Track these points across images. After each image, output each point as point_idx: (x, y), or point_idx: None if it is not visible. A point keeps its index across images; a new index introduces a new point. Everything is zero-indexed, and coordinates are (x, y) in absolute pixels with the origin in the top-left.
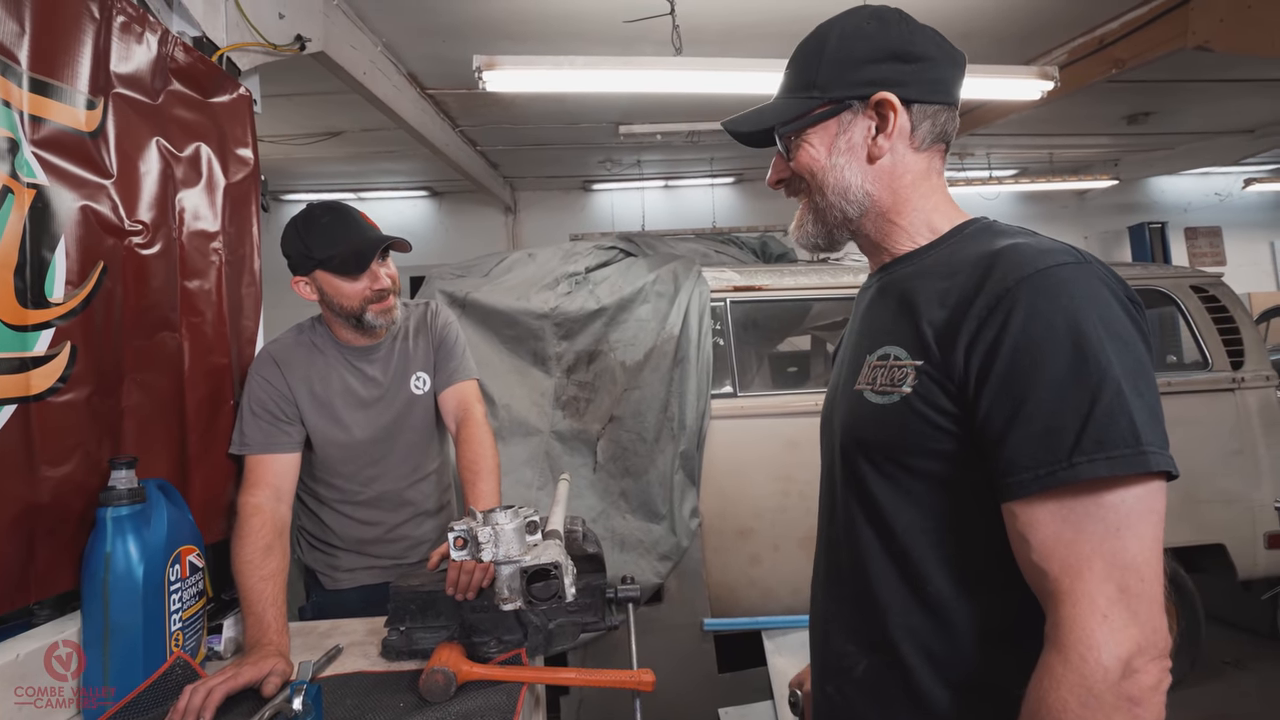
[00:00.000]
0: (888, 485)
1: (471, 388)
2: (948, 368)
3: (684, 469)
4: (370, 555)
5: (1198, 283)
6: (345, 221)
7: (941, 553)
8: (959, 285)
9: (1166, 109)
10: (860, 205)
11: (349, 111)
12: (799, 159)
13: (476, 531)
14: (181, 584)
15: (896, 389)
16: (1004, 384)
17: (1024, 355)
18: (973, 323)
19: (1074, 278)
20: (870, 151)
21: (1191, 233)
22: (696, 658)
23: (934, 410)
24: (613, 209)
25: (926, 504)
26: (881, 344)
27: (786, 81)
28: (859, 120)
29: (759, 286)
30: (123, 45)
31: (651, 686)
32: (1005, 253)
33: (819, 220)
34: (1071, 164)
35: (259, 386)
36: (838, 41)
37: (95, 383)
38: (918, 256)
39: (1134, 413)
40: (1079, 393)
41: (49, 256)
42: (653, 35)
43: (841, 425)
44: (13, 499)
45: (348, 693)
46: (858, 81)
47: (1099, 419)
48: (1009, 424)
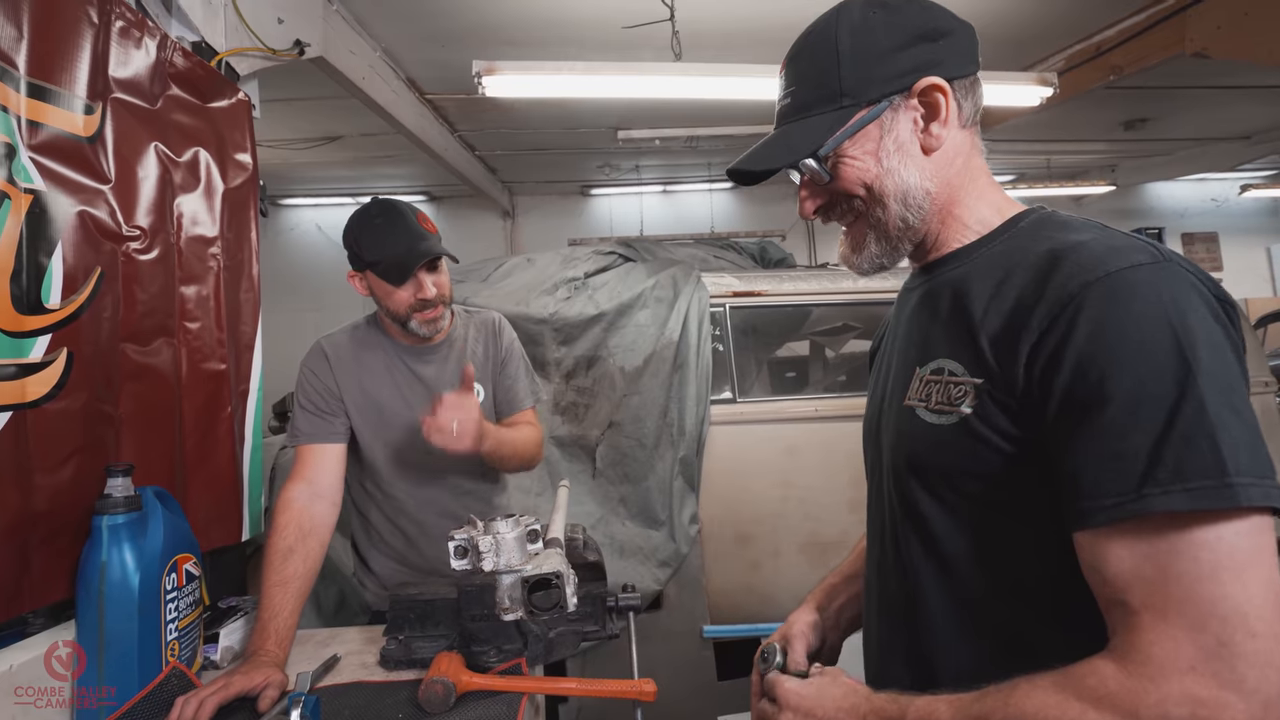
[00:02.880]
0: (942, 511)
1: (529, 415)
2: (1009, 384)
3: (683, 475)
4: (409, 567)
5: None
6: (395, 226)
7: (995, 582)
8: (1017, 289)
9: (1163, 115)
10: (922, 207)
11: (348, 116)
12: (845, 177)
13: (477, 540)
14: (178, 592)
15: (954, 408)
16: (1067, 401)
17: (1092, 369)
18: (1033, 333)
19: (1151, 280)
20: (924, 144)
21: (1188, 238)
22: (696, 665)
23: (994, 432)
24: (611, 214)
25: (985, 531)
26: (934, 356)
27: (799, 99)
28: (900, 115)
29: (758, 292)
30: (121, 50)
31: (653, 696)
32: (1069, 252)
33: (882, 236)
34: (1069, 169)
35: (306, 379)
36: (851, 39)
37: (92, 389)
38: (967, 254)
39: (1220, 436)
40: (1153, 411)
41: (46, 262)
42: (652, 41)
43: (891, 444)
44: (7, 507)
45: (346, 703)
46: (892, 74)
47: (1175, 443)
48: (1072, 447)
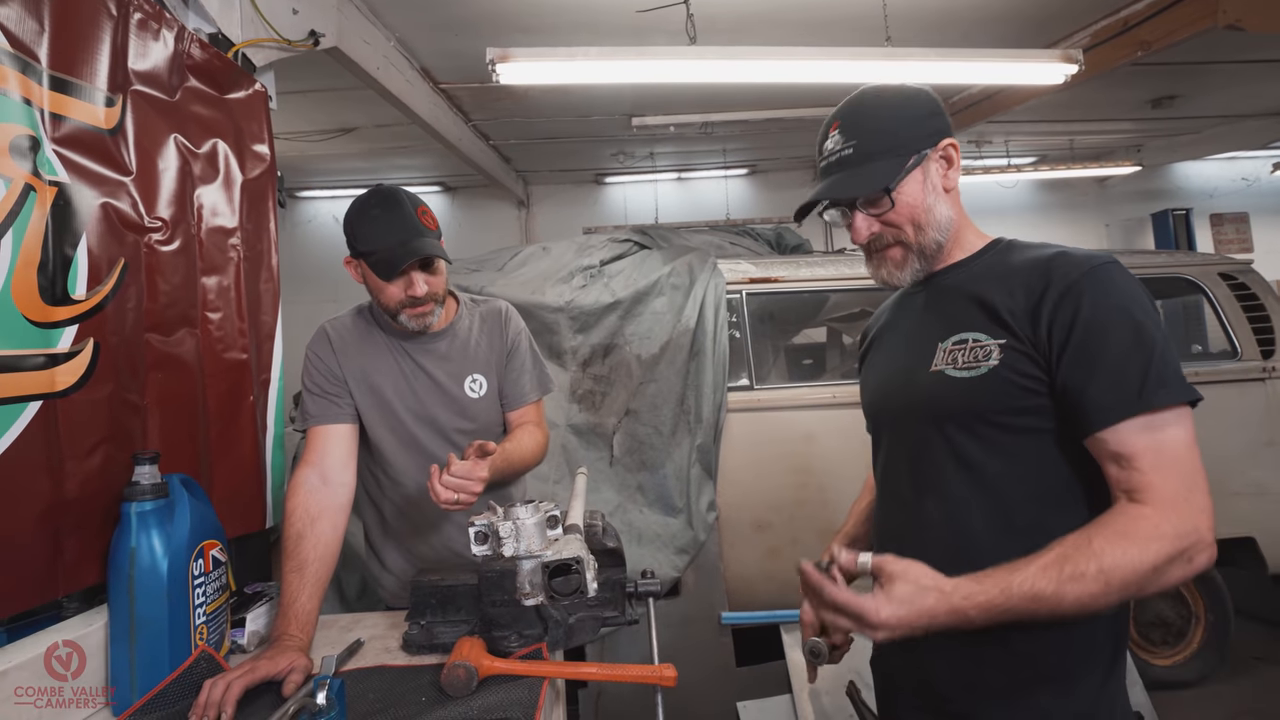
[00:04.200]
0: (978, 444)
1: (533, 410)
2: (1034, 342)
3: (701, 462)
4: (417, 557)
5: (1226, 270)
6: (391, 220)
7: (1027, 489)
8: (1024, 282)
9: (1193, 92)
10: (947, 231)
11: (362, 107)
12: (901, 206)
13: (497, 526)
14: (205, 578)
15: (983, 363)
16: (1080, 350)
17: (1095, 328)
18: (1049, 306)
19: (1118, 274)
20: (945, 186)
21: (1217, 219)
22: (714, 651)
23: (1020, 375)
24: (625, 202)
25: (1014, 452)
26: (954, 331)
27: (861, 152)
28: (931, 165)
29: (775, 278)
30: (140, 42)
31: (674, 682)
32: (1060, 257)
33: (921, 255)
34: (1093, 150)
35: (311, 362)
36: (901, 110)
37: (118, 379)
38: (963, 266)
39: (1174, 362)
40: (1138, 352)
41: (71, 254)
42: (666, 25)
43: (923, 401)
44: (40, 493)
45: (369, 686)
46: (925, 135)
47: (1156, 367)
48: (1089, 378)
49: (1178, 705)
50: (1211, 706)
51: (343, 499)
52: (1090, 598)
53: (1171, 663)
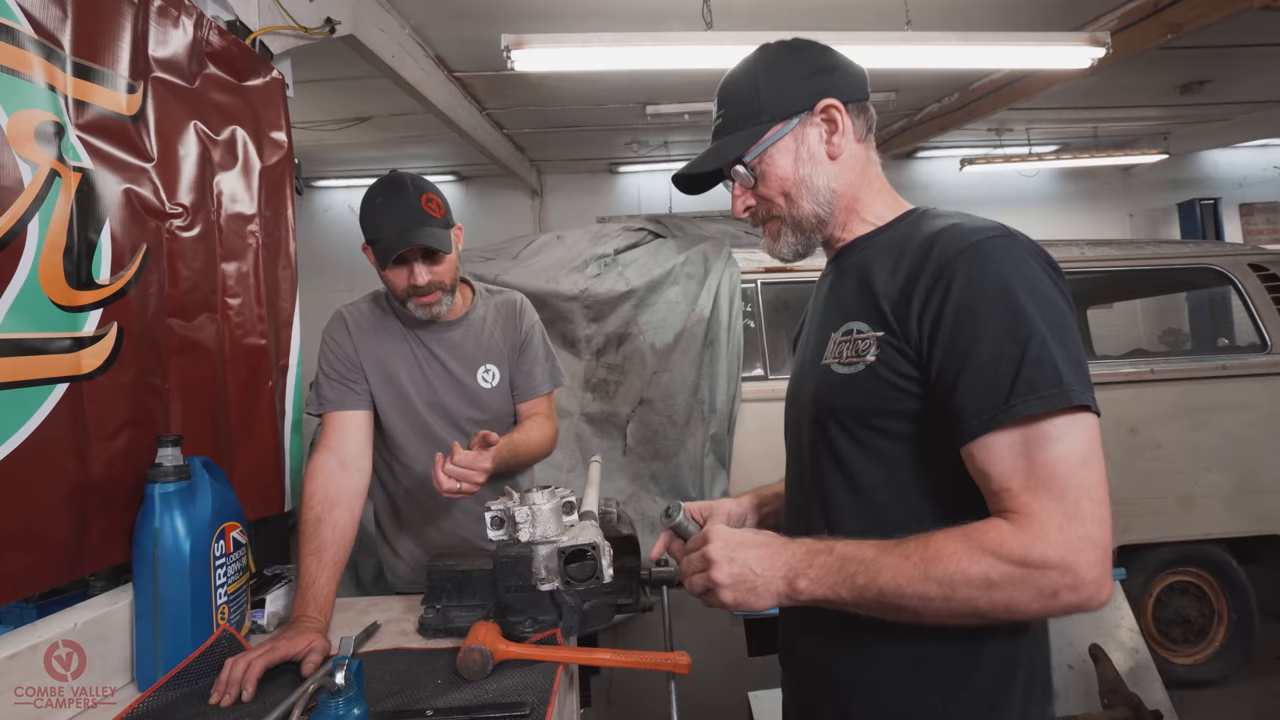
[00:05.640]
0: (857, 448)
1: (544, 403)
2: (905, 335)
3: (714, 452)
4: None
5: (1257, 261)
6: (393, 208)
7: (907, 503)
8: (907, 263)
9: (1223, 77)
10: (830, 204)
11: (378, 96)
12: (769, 179)
13: (514, 511)
14: (226, 559)
15: (861, 359)
16: (950, 344)
17: (965, 317)
18: (921, 293)
19: (1002, 247)
20: (829, 151)
21: (1247, 209)
22: (726, 642)
23: (896, 375)
24: (639, 191)
25: (893, 462)
26: (844, 321)
27: (729, 118)
28: (808, 130)
29: (790, 267)
30: (160, 29)
31: (687, 669)
32: (944, 231)
33: (798, 230)
34: (1117, 138)
35: (327, 346)
36: (766, 72)
37: (141, 363)
38: (866, 241)
39: (1057, 360)
40: (1011, 346)
41: (95, 239)
42: (682, 11)
43: (812, 398)
44: (67, 474)
45: (387, 668)
46: (799, 96)
47: (1028, 367)
48: (957, 378)
49: (1198, 704)
50: (1233, 706)
51: (360, 484)
52: (908, 581)
53: (1193, 661)
